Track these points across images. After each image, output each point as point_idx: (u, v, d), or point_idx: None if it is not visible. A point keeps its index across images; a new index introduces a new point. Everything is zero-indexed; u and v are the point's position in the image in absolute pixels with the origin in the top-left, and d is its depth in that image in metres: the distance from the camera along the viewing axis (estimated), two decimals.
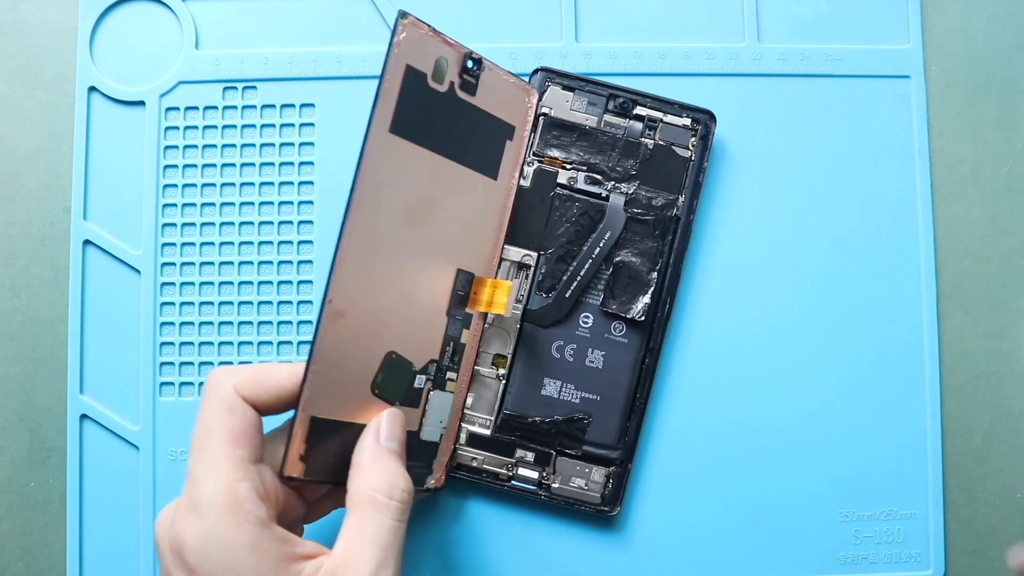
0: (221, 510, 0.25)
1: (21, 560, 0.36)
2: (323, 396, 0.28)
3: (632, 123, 0.35)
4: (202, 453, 0.27)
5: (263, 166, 0.37)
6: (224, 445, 0.27)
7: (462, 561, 0.35)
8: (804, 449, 0.35)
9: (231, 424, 0.27)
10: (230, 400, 0.27)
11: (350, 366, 0.29)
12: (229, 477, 0.26)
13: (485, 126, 0.33)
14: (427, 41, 0.30)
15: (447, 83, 0.31)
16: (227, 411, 0.27)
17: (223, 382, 0.28)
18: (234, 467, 0.26)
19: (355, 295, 0.28)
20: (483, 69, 0.32)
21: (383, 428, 0.29)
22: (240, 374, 0.28)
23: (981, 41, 0.38)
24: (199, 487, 0.26)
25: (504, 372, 0.35)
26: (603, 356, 0.35)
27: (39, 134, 0.37)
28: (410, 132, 0.29)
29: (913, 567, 0.35)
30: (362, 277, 0.28)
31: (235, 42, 0.37)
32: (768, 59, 0.37)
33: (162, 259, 0.36)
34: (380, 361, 0.30)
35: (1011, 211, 0.37)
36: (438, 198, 0.31)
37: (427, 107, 0.30)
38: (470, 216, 0.33)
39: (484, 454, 0.35)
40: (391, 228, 0.29)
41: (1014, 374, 0.37)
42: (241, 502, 0.26)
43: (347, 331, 0.28)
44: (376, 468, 0.28)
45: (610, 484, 0.35)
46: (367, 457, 0.29)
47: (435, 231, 0.31)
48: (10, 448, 0.37)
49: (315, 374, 0.27)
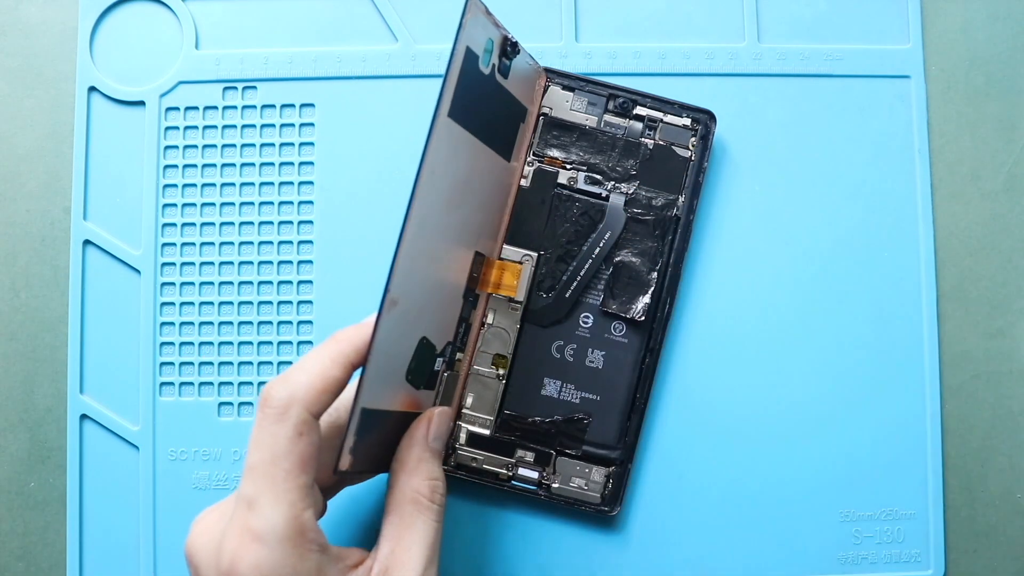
0: (287, 542, 0.25)
1: (21, 560, 0.36)
2: (372, 387, 0.27)
3: (632, 123, 0.35)
4: (267, 480, 0.25)
5: (263, 166, 0.37)
6: (293, 473, 0.25)
7: (462, 561, 0.35)
8: (804, 449, 0.35)
9: (301, 450, 0.26)
10: (302, 424, 0.26)
11: (393, 354, 0.28)
12: (296, 507, 0.25)
13: (509, 108, 0.33)
14: (484, 23, 0.29)
15: (491, 65, 0.31)
16: (297, 436, 0.26)
17: (290, 402, 0.26)
18: (301, 496, 0.25)
19: (405, 282, 0.28)
20: (518, 53, 0.32)
21: (433, 427, 0.29)
22: (308, 391, 0.26)
23: (981, 41, 0.38)
24: (263, 517, 0.25)
25: (504, 372, 0.35)
26: (603, 356, 0.35)
27: (39, 134, 0.37)
28: (461, 115, 0.29)
29: (913, 567, 0.35)
30: (412, 264, 0.28)
31: (235, 42, 0.37)
32: (768, 59, 0.37)
33: (162, 259, 0.36)
34: (415, 347, 0.30)
35: (1011, 211, 0.37)
36: (470, 181, 0.31)
37: (475, 90, 0.30)
38: (487, 198, 0.33)
39: (484, 454, 0.35)
40: (438, 213, 0.29)
41: (1014, 374, 0.37)
42: (306, 531, 0.25)
43: (396, 319, 0.28)
44: (422, 470, 0.28)
45: (610, 484, 0.35)
46: (414, 457, 0.29)
47: (464, 213, 0.31)
48: (10, 448, 0.37)
49: (371, 366, 0.27)
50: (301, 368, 0.27)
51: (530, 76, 0.34)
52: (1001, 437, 0.36)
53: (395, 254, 0.26)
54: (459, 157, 0.30)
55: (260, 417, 0.26)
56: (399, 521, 0.28)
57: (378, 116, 0.37)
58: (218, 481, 0.36)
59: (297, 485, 0.25)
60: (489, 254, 0.34)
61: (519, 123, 0.34)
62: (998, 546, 0.36)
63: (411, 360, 0.29)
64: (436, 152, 0.27)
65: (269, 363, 0.36)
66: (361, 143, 0.37)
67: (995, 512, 0.36)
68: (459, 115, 0.29)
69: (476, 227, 0.32)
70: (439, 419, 0.30)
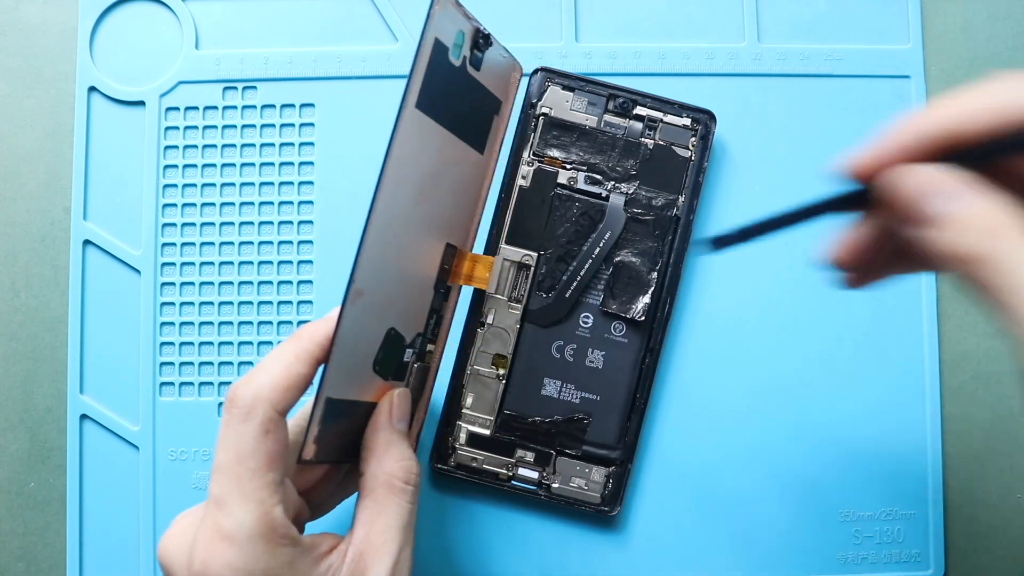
0: (258, 539, 0.25)
1: (21, 560, 0.36)
2: (336, 377, 0.27)
3: (632, 123, 0.35)
4: (235, 480, 0.25)
5: (263, 166, 0.37)
6: (260, 471, 0.25)
7: (462, 561, 0.35)
8: (804, 449, 0.35)
9: (268, 448, 0.26)
10: (268, 422, 0.26)
11: (359, 345, 0.29)
12: (265, 504, 0.25)
13: (481, 100, 0.33)
14: (454, 14, 0.30)
15: (461, 58, 0.31)
16: (263, 434, 0.26)
17: (255, 401, 0.26)
18: (270, 493, 0.25)
19: (371, 273, 0.28)
20: (490, 45, 0.32)
21: (395, 410, 0.29)
22: (272, 390, 0.26)
23: (981, 41, 0.38)
24: (232, 516, 0.25)
25: (504, 372, 0.35)
26: (603, 356, 0.35)
27: (39, 134, 0.37)
28: (429, 107, 0.29)
29: (913, 567, 0.35)
30: (378, 255, 0.28)
31: (235, 42, 0.37)
32: (768, 59, 0.37)
33: (162, 259, 0.36)
34: (382, 338, 0.30)
35: None
36: (441, 173, 0.31)
37: (444, 82, 0.30)
38: (459, 190, 0.33)
39: (484, 454, 0.35)
40: (406, 205, 0.29)
41: (1014, 374, 0.37)
42: (276, 527, 0.25)
43: (361, 310, 0.28)
44: (392, 453, 0.28)
45: (610, 484, 0.35)
46: (382, 441, 0.28)
47: (433, 206, 0.31)
48: (10, 448, 0.37)
49: (335, 356, 0.27)
50: (264, 367, 0.27)
51: (504, 68, 0.34)
52: (1001, 437, 0.36)
53: (360, 245, 0.26)
54: (428, 149, 0.30)
55: (226, 418, 0.26)
56: (373, 505, 0.27)
57: (378, 116, 0.37)
58: None
59: (265, 483, 0.25)
60: (461, 246, 0.34)
61: (492, 115, 0.34)
62: (998, 546, 0.36)
63: (379, 350, 0.29)
64: (403, 143, 0.28)
65: None
66: (361, 143, 0.37)
67: (995, 512, 0.36)
68: (427, 107, 0.29)
69: (447, 219, 0.32)
70: (399, 400, 0.30)
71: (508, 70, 0.34)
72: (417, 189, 0.30)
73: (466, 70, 0.31)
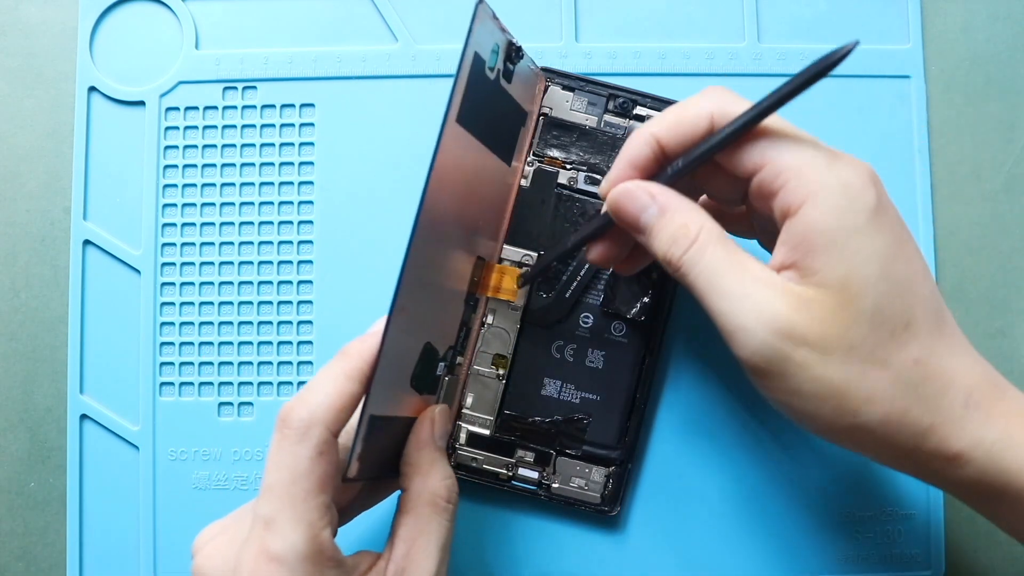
0: (306, 562, 0.25)
1: (21, 560, 0.36)
2: (379, 394, 0.27)
3: (632, 123, 0.35)
4: (287, 501, 0.25)
5: (263, 166, 0.37)
6: (312, 492, 0.26)
7: (462, 561, 0.35)
8: (804, 449, 0.35)
9: (321, 470, 0.26)
10: (323, 444, 0.26)
11: (400, 361, 0.28)
12: (315, 527, 0.25)
13: (511, 112, 0.33)
14: (491, 28, 0.29)
15: (496, 71, 0.31)
16: (318, 455, 0.26)
17: (311, 423, 0.26)
18: (320, 515, 0.26)
19: (412, 289, 0.27)
20: (522, 58, 0.32)
21: (437, 427, 0.30)
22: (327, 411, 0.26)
23: (981, 41, 0.38)
24: (282, 537, 0.25)
25: (504, 372, 0.35)
26: (603, 356, 0.35)
27: (39, 134, 0.37)
28: (467, 121, 0.29)
29: (913, 567, 0.35)
30: (419, 271, 0.28)
31: (235, 42, 0.37)
32: (768, 59, 0.37)
33: (162, 259, 0.36)
34: (419, 353, 0.30)
35: (1011, 211, 0.37)
36: (474, 185, 0.31)
37: (481, 95, 0.30)
38: (488, 201, 0.33)
39: (484, 454, 0.35)
40: (445, 221, 0.29)
41: (1014, 374, 0.37)
42: (323, 550, 0.26)
43: (403, 326, 0.28)
44: (436, 471, 0.29)
45: (610, 484, 0.35)
46: (426, 459, 0.29)
47: (468, 219, 0.31)
48: (10, 448, 0.37)
49: (379, 374, 0.27)
50: (317, 387, 0.27)
51: (531, 80, 0.34)
52: None
53: (404, 262, 0.26)
54: (465, 162, 0.29)
55: (279, 438, 0.26)
56: (414, 523, 0.28)
57: (378, 116, 0.37)
58: (218, 481, 0.36)
59: (316, 505, 0.26)
60: (489, 258, 0.34)
61: (519, 127, 0.34)
62: (998, 546, 0.36)
63: (416, 365, 0.29)
64: (444, 159, 0.27)
65: (269, 363, 0.36)
66: (361, 143, 0.37)
67: None
68: (466, 120, 0.29)
69: (478, 231, 0.32)
70: (441, 417, 0.30)
71: (534, 81, 0.34)
72: (455, 204, 0.29)
73: (499, 83, 0.31)
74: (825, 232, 0.24)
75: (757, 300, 0.24)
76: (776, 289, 0.25)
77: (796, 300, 0.24)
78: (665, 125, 0.27)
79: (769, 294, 0.24)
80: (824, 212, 0.24)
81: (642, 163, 0.27)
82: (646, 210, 0.26)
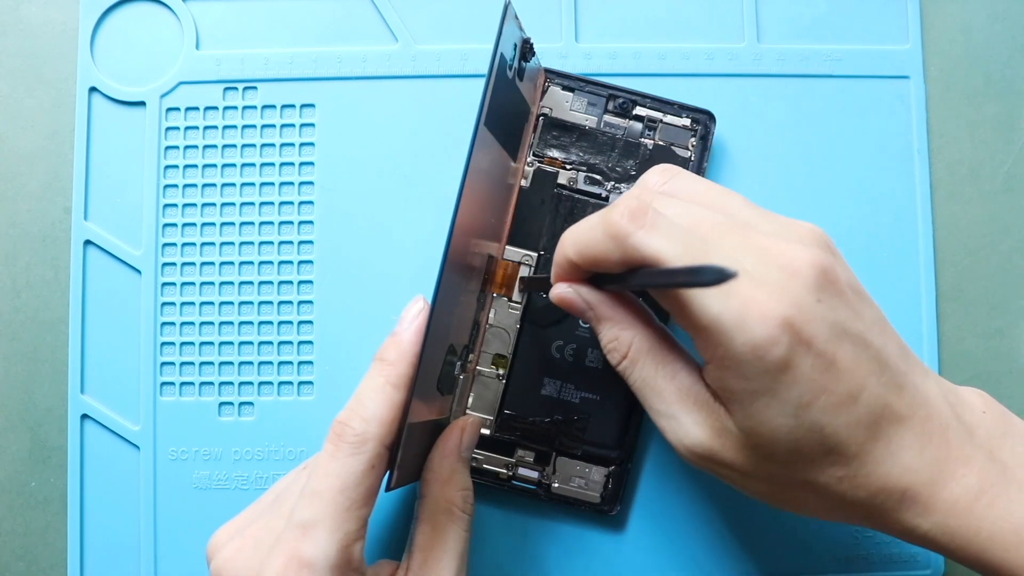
0: (335, 571, 0.25)
1: (22, 560, 0.36)
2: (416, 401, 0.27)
3: (632, 123, 0.35)
4: (332, 508, 0.25)
5: (263, 166, 0.37)
6: (358, 503, 0.26)
7: None
8: None
9: (370, 482, 0.26)
10: (376, 458, 0.26)
11: (430, 365, 0.28)
12: (350, 538, 0.26)
13: (519, 110, 0.33)
14: (514, 28, 0.29)
15: (513, 69, 0.31)
16: (370, 468, 0.26)
17: (367, 436, 0.26)
18: (358, 527, 0.26)
19: (447, 292, 0.27)
20: (534, 55, 0.32)
21: (466, 438, 0.30)
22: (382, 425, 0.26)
23: (981, 41, 0.38)
24: (317, 544, 0.25)
25: (504, 372, 0.35)
26: (603, 356, 0.35)
27: (39, 134, 0.37)
28: (491, 122, 0.29)
29: (913, 567, 0.35)
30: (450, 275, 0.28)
31: (235, 42, 0.37)
32: (768, 59, 0.37)
33: (163, 259, 0.36)
34: (444, 355, 0.30)
35: (1010, 211, 0.37)
36: (492, 185, 0.31)
37: (502, 95, 0.30)
38: (499, 199, 0.33)
39: (484, 454, 0.35)
40: (472, 224, 0.29)
41: (1014, 374, 0.37)
42: (352, 562, 0.26)
43: (434, 330, 0.28)
44: (456, 481, 0.29)
45: (610, 484, 0.35)
46: (447, 468, 0.29)
47: (488, 219, 0.31)
48: (10, 448, 0.37)
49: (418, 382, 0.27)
50: (368, 398, 0.27)
51: (535, 76, 0.34)
52: None
53: (441, 270, 0.26)
54: (487, 163, 0.29)
55: (332, 448, 0.26)
56: (431, 531, 0.28)
57: (378, 116, 0.37)
58: (218, 481, 0.36)
59: (358, 516, 0.26)
60: (497, 255, 0.34)
61: (524, 123, 0.34)
62: None
63: (441, 368, 0.29)
64: (477, 164, 0.27)
65: (269, 363, 0.36)
66: (361, 143, 0.37)
67: None
68: (489, 121, 0.28)
69: (492, 230, 0.32)
70: (471, 430, 0.31)
71: (537, 77, 0.34)
72: (479, 204, 0.29)
73: (514, 82, 0.31)
74: (733, 392, 0.25)
75: (682, 422, 0.26)
76: (700, 413, 0.26)
77: (715, 430, 0.25)
78: (575, 249, 0.27)
79: (690, 421, 0.26)
80: (731, 375, 0.24)
81: (572, 269, 0.28)
82: (584, 314, 0.28)
